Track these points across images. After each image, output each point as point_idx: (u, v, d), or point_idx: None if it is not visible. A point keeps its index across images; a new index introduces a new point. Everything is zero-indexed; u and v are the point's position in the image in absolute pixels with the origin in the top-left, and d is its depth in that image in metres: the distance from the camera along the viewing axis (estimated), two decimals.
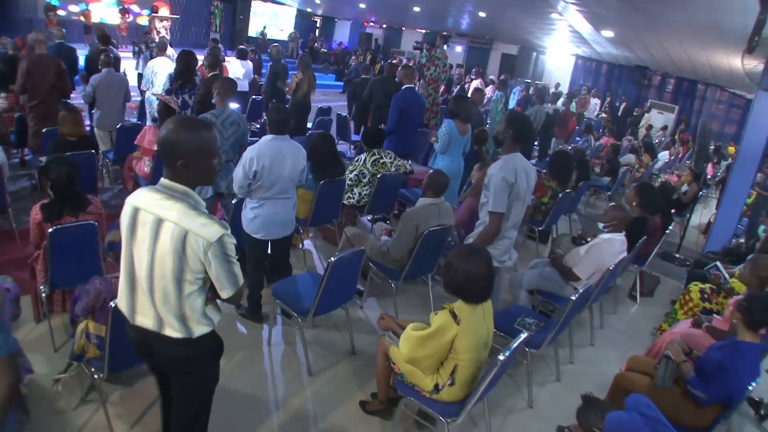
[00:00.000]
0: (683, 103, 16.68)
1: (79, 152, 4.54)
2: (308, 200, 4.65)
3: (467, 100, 6.38)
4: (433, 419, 2.90)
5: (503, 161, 3.42)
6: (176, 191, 1.90)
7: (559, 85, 17.88)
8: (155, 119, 5.98)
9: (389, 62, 9.18)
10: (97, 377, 2.63)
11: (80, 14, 15.97)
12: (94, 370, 2.63)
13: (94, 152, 4.90)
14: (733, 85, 14.47)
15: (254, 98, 9.00)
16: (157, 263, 1.89)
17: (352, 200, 5.22)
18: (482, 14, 15.99)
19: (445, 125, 5.48)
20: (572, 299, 3.24)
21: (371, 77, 9.12)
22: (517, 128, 3.38)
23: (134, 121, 6.91)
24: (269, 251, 3.83)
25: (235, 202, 3.98)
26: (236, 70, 9.28)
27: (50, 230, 3.04)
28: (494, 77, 17.24)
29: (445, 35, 9.17)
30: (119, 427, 2.77)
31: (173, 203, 1.87)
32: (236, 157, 4.26)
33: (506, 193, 3.32)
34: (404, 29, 25.04)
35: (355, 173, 5.20)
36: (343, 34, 28.20)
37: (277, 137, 3.50)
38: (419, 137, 7.45)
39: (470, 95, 9.57)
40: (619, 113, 16.53)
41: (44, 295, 3.23)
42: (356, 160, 5.35)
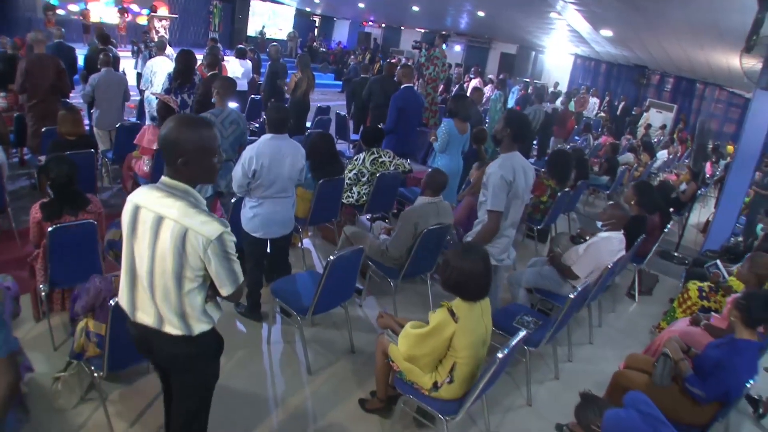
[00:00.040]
0: (682, 102, 16.69)
1: (78, 151, 4.54)
2: (307, 199, 4.65)
3: (466, 99, 6.39)
4: (432, 417, 2.91)
5: (502, 160, 3.42)
6: (177, 189, 1.92)
7: (558, 84, 17.88)
8: (153, 118, 5.98)
9: (388, 61, 9.17)
10: (96, 375, 2.63)
11: (79, 14, 15.95)
12: (93, 368, 2.63)
13: (93, 151, 4.90)
14: (731, 84, 14.47)
15: (253, 97, 9.00)
16: (157, 260, 1.90)
17: (351, 199, 5.22)
18: (481, 13, 16.00)
19: (444, 124, 5.48)
20: (570, 297, 3.25)
21: (370, 77, 9.12)
22: (515, 127, 3.39)
23: (133, 120, 6.91)
24: (268, 250, 3.84)
25: (234, 201, 3.99)
26: (235, 69, 9.29)
27: (50, 229, 3.05)
28: (493, 76, 17.24)
29: (443, 34, 9.17)
30: (119, 425, 2.78)
31: (174, 201, 1.88)
32: (236, 156, 4.26)
33: (505, 191, 3.33)
34: (403, 28, 25.03)
35: (354, 172, 5.21)
36: (341, 33, 28.18)
37: (276, 136, 3.51)
38: (418, 136, 7.47)
39: (469, 94, 9.59)
40: (617, 112, 16.54)
41: (44, 293, 3.23)
42: (355, 159, 5.36)
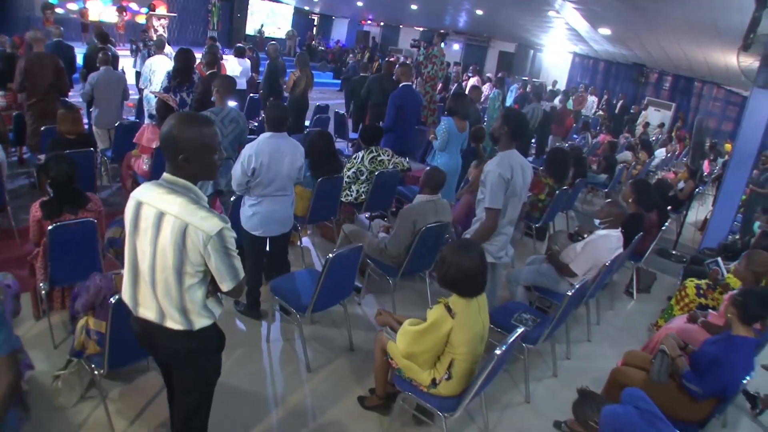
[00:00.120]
0: (680, 100, 16.71)
1: (77, 150, 4.54)
2: (306, 198, 4.66)
3: (465, 97, 6.40)
4: (431, 414, 2.91)
5: (499, 158, 3.43)
6: (178, 186, 1.94)
7: (556, 82, 17.88)
8: (152, 116, 5.98)
9: (387, 60, 9.17)
10: (97, 373, 2.64)
11: (78, 12, 15.91)
12: (94, 366, 2.64)
13: (92, 150, 4.91)
14: (729, 82, 14.49)
15: (252, 96, 9.00)
16: (158, 256, 1.92)
17: (350, 197, 5.23)
18: (479, 12, 15.99)
19: (444, 123, 5.49)
20: (568, 295, 3.26)
21: (369, 75, 9.12)
22: (513, 125, 3.40)
23: (132, 119, 6.91)
24: (267, 248, 3.85)
25: (233, 199, 4.00)
26: (234, 68, 9.29)
27: (50, 227, 3.06)
28: (491, 75, 17.24)
29: (442, 33, 9.15)
30: (119, 423, 2.79)
31: (175, 197, 1.90)
32: (235, 154, 4.27)
33: (502, 189, 3.34)
34: (402, 27, 25.01)
35: (352, 171, 5.22)
36: (340, 32, 28.13)
37: (275, 135, 3.52)
38: (416, 135, 7.47)
39: (467, 93, 9.59)
40: (616, 111, 16.55)
41: (44, 292, 3.24)
42: (354, 157, 5.37)
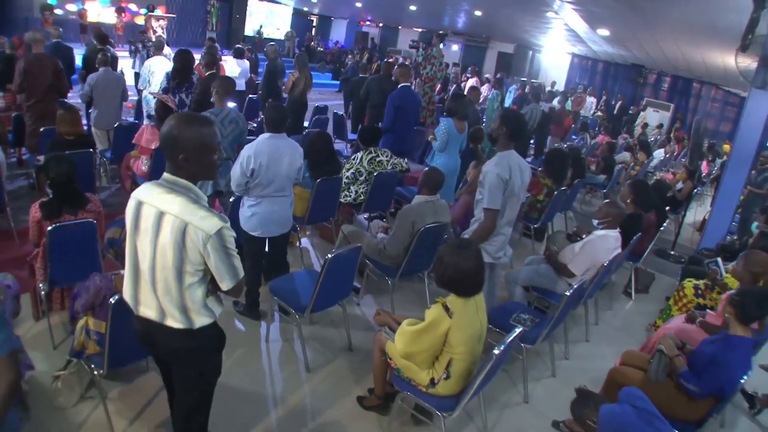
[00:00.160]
0: (679, 101, 16.74)
1: (76, 151, 4.54)
2: (305, 198, 4.67)
3: (464, 98, 6.41)
4: (429, 414, 2.93)
5: (498, 158, 3.44)
6: (178, 185, 1.95)
7: (555, 83, 17.87)
8: (150, 116, 5.99)
9: (386, 61, 9.18)
10: (96, 373, 2.64)
11: (77, 13, 15.91)
12: (93, 366, 2.65)
13: (91, 151, 4.92)
14: (727, 83, 14.52)
15: (251, 97, 9.01)
16: (158, 255, 1.94)
17: (348, 198, 5.24)
18: (478, 13, 16.02)
19: (443, 123, 5.50)
20: (566, 295, 3.27)
21: (368, 76, 9.14)
22: (511, 126, 3.41)
23: (131, 120, 6.92)
24: (266, 249, 3.85)
25: (232, 200, 4.00)
26: (232, 69, 9.30)
27: (49, 228, 3.06)
28: (490, 76, 17.25)
29: (441, 34, 9.17)
30: (119, 423, 2.79)
31: (174, 197, 1.92)
32: (235, 155, 4.28)
33: (501, 190, 3.35)
34: (400, 28, 25.02)
35: (351, 171, 5.22)
36: (339, 33, 28.15)
37: (274, 135, 3.53)
38: (415, 135, 7.48)
39: (466, 93, 9.60)
40: (614, 111, 16.58)
41: (43, 292, 3.24)
42: (353, 158, 5.37)
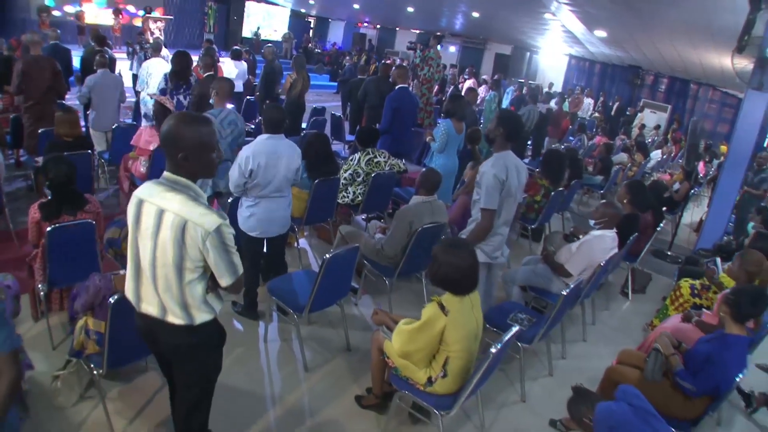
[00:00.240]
0: (676, 102, 16.78)
1: (75, 152, 4.55)
2: (303, 199, 4.68)
3: (462, 99, 6.45)
4: (427, 412, 2.94)
5: (494, 159, 3.46)
6: (178, 183, 1.99)
7: (552, 85, 17.90)
8: (146, 115, 6.00)
9: (383, 62, 9.19)
10: (96, 373, 2.65)
11: (74, 15, 15.90)
12: (93, 366, 2.66)
13: (90, 152, 4.93)
14: (724, 84, 14.56)
15: (248, 99, 9.02)
16: (159, 252, 1.97)
17: (346, 199, 5.25)
18: (476, 14, 16.05)
19: (443, 124, 5.53)
20: (563, 294, 3.29)
21: (366, 78, 9.16)
22: (508, 127, 3.42)
23: (129, 121, 6.93)
24: (265, 249, 3.87)
25: (230, 201, 4.02)
26: (230, 70, 9.31)
27: (48, 229, 3.07)
28: (487, 77, 17.28)
29: (438, 35, 9.20)
30: (118, 422, 2.80)
31: (174, 195, 1.95)
32: (234, 156, 4.29)
33: (498, 190, 3.36)
34: (398, 30, 25.04)
35: (349, 172, 5.24)
36: (336, 34, 28.18)
37: (272, 136, 3.54)
38: (413, 137, 7.50)
39: (463, 94, 9.63)
40: (612, 113, 16.62)
41: (42, 293, 3.25)
42: (350, 159, 5.39)
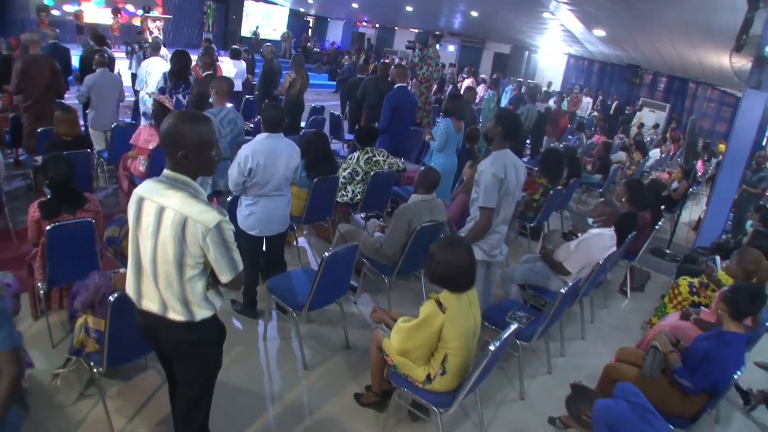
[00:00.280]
0: (674, 101, 16.80)
1: (74, 151, 4.55)
2: (302, 198, 4.69)
3: (461, 98, 6.48)
4: (426, 410, 2.96)
5: (493, 157, 3.47)
6: (178, 181, 2.00)
7: (551, 84, 17.92)
8: (145, 114, 6.01)
9: (382, 62, 9.21)
10: (96, 371, 2.66)
11: (73, 14, 15.88)
12: (93, 364, 2.66)
13: (89, 151, 4.93)
14: (723, 83, 14.58)
15: (247, 98, 9.02)
16: (159, 248, 1.99)
17: (345, 198, 5.26)
18: (474, 14, 16.05)
19: (443, 124, 5.54)
20: (561, 292, 3.30)
21: (365, 77, 9.17)
22: (506, 125, 3.43)
23: (128, 120, 6.93)
24: (264, 248, 3.87)
25: (230, 199, 4.02)
26: (229, 70, 9.30)
27: (48, 228, 3.08)
28: (486, 76, 17.29)
29: (437, 35, 9.23)
30: (118, 421, 2.81)
31: (174, 192, 1.97)
32: (233, 155, 4.30)
33: (496, 188, 3.37)
34: (397, 29, 25.07)
35: (348, 171, 5.25)
36: (335, 33, 28.20)
37: (271, 135, 3.55)
38: (412, 136, 7.51)
39: (462, 93, 9.64)
40: (611, 112, 16.65)
41: (42, 292, 3.26)
42: (349, 158, 5.40)
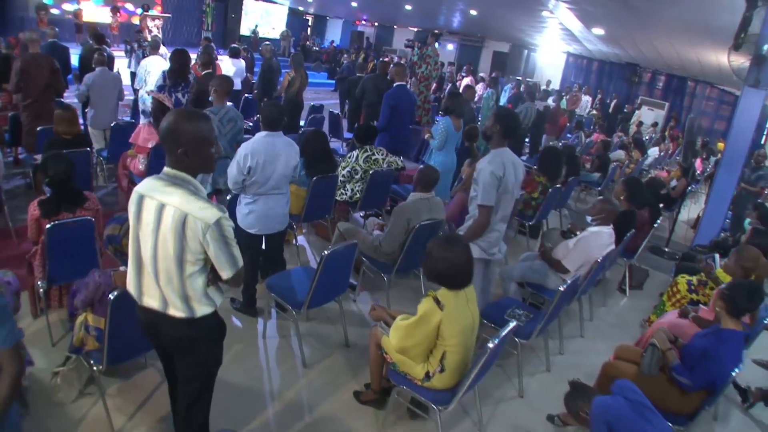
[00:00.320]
0: (673, 99, 16.82)
1: (74, 150, 4.55)
2: (301, 196, 4.69)
3: (460, 96, 6.49)
4: (425, 407, 2.96)
5: (492, 156, 3.47)
6: (178, 178, 2.01)
7: (550, 82, 17.94)
8: (144, 113, 6.01)
9: (381, 60, 9.21)
10: (95, 369, 2.67)
11: (72, 13, 15.86)
12: (93, 362, 2.67)
13: (89, 150, 4.93)
14: (722, 81, 14.60)
15: (246, 96, 9.02)
16: (160, 245, 2.00)
17: (344, 196, 5.27)
18: (473, 12, 16.04)
19: (442, 122, 5.55)
20: (560, 290, 3.31)
21: (364, 75, 9.17)
22: (504, 124, 3.44)
23: (128, 119, 6.93)
24: (263, 246, 3.88)
25: (229, 198, 4.03)
26: (228, 68, 9.30)
27: (48, 226, 3.08)
28: (485, 75, 17.29)
29: (436, 33, 9.23)
30: (118, 418, 2.82)
31: (174, 189, 1.98)
32: (233, 153, 4.30)
33: (495, 186, 3.38)
34: (396, 27, 25.06)
35: (347, 170, 5.25)
36: (334, 32, 28.19)
37: (270, 134, 3.56)
38: (411, 134, 7.53)
39: (461, 92, 9.66)
40: (609, 110, 16.67)
41: (42, 290, 3.26)
42: (349, 156, 5.40)
